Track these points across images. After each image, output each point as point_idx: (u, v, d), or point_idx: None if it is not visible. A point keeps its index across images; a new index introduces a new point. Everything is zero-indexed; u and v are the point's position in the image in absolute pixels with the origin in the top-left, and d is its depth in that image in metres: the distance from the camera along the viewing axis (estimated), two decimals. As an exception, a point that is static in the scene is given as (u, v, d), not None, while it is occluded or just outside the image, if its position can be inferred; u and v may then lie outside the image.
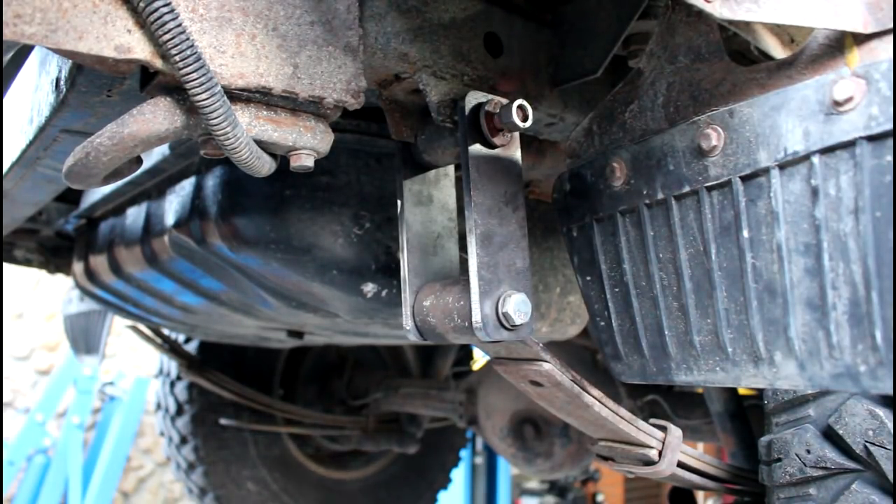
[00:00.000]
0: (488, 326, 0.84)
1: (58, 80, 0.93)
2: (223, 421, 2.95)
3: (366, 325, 1.68)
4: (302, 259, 1.30)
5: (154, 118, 0.72)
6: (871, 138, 0.67)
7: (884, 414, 0.98)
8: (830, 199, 0.71)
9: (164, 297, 1.88)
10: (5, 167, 1.26)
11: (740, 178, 0.78)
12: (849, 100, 0.69)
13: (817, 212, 0.71)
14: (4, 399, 4.91)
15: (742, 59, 0.96)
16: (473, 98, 0.89)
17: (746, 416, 1.72)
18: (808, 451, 1.05)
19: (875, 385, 0.68)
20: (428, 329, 0.94)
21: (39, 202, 1.59)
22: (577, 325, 1.65)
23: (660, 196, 0.86)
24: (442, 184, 1.04)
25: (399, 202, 0.99)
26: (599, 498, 6.94)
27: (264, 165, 0.80)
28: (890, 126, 0.66)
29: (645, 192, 0.88)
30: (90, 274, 1.98)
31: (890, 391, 0.67)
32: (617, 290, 0.94)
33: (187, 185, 1.39)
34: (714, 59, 0.84)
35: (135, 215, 1.66)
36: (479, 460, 5.47)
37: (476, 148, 0.89)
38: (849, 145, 0.69)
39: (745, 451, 1.67)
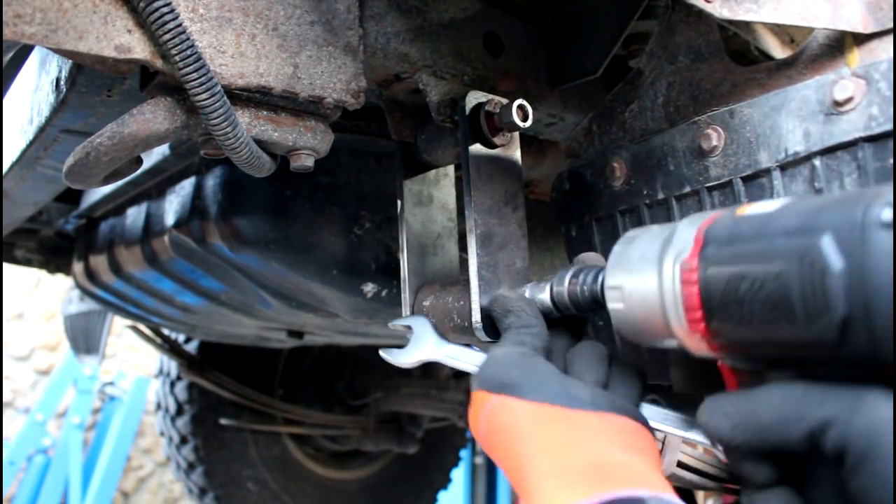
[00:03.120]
0: (488, 326, 0.84)
1: (58, 80, 0.93)
2: (223, 421, 2.95)
3: (366, 325, 1.68)
4: (302, 259, 1.30)
5: (154, 118, 0.72)
6: (872, 139, 0.67)
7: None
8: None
9: (164, 297, 1.88)
10: (5, 167, 1.26)
11: (741, 178, 0.78)
12: (849, 100, 0.69)
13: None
14: (4, 399, 4.91)
15: (742, 59, 0.96)
16: (473, 98, 0.89)
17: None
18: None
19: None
20: (428, 329, 0.94)
21: (39, 202, 1.59)
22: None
23: (660, 196, 0.86)
24: (442, 184, 1.04)
25: (399, 202, 0.99)
26: (599, 498, 6.92)
27: (264, 165, 0.80)
28: (890, 126, 0.66)
29: (645, 192, 0.88)
30: (90, 274, 1.98)
31: None
32: (617, 290, 0.94)
33: (187, 185, 1.39)
34: (714, 59, 0.84)
35: (135, 215, 1.66)
36: (479, 460, 5.47)
37: (476, 148, 0.88)
38: (850, 146, 0.69)
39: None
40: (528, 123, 0.85)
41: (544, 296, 0.78)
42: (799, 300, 0.48)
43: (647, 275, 0.60)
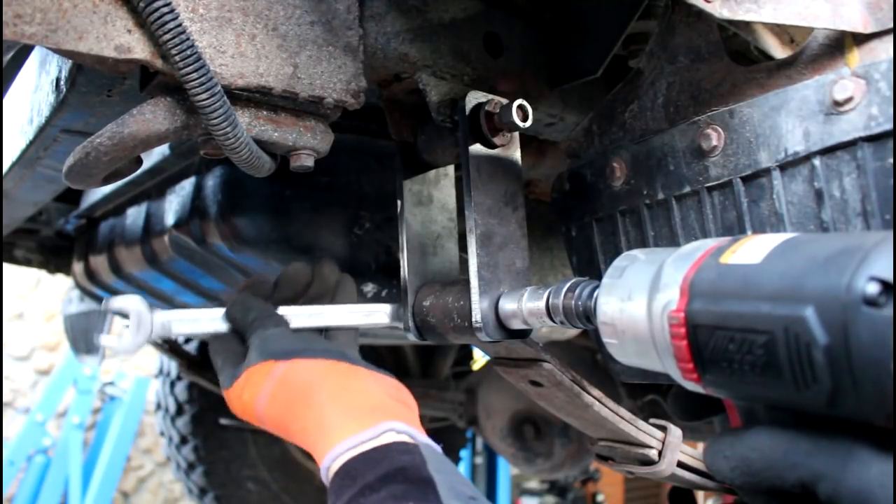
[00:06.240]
0: (488, 326, 0.84)
1: (58, 80, 0.93)
2: (223, 421, 2.94)
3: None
4: (302, 259, 1.30)
5: (154, 118, 0.72)
6: (872, 139, 0.67)
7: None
8: (836, 202, 0.70)
9: (164, 297, 1.88)
10: (5, 167, 1.26)
11: (741, 178, 0.78)
12: (849, 100, 0.69)
13: (823, 214, 0.71)
14: (4, 399, 4.91)
15: (742, 59, 0.96)
16: (473, 98, 0.89)
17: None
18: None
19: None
20: (428, 329, 0.94)
21: (39, 202, 1.59)
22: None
23: (660, 196, 0.86)
24: (442, 184, 1.04)
25: (399, 202, 0.99)
26: (599, 498, 6.94)
27: (264, 165, 0.80)
28: (890, 126, 0.66)
29: (645, 193, 0.88)
30: (90, 274, 1.98)
31: None
32: (617, 290, 0.94)
33: (187, 185, 1.39)
34: (714, 59, 0.84)
35: (135, 215, 1.66)
36: (479, 460, 5.47)
37: (476, 148, 0.88)
38: (849, 146, 0.69)
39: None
40: (528, 123, 0.85)
41: (540, 303, 0.79)
42: (787, 368, 0.49)
43: (638, 317, 0.61)
